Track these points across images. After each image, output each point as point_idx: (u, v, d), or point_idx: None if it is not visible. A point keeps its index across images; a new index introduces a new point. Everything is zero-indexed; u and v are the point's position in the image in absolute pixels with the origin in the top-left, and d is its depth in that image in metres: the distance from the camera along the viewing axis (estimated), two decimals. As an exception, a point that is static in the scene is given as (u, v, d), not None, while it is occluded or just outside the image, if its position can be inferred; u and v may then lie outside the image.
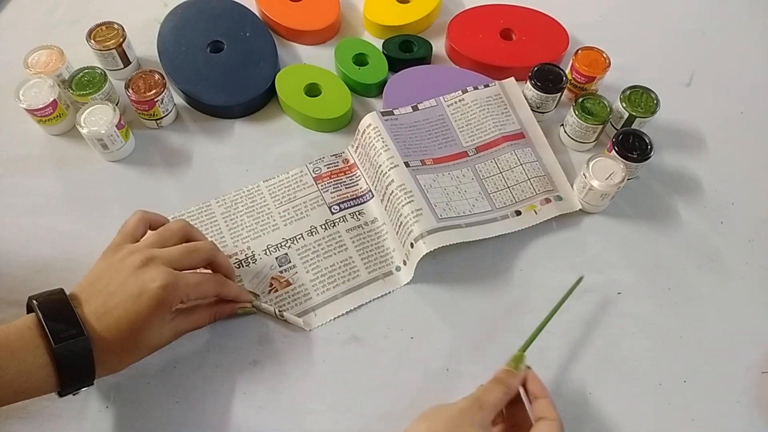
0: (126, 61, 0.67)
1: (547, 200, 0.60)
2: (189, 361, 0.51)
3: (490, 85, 0.66)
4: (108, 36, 0.65)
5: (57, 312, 0.43)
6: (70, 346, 0.42)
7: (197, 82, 0.66)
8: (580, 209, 0.60)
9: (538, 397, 0.45)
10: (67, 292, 0.45)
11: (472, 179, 0.61)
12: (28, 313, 0.44)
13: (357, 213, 0.60)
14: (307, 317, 0.54)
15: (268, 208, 0.60)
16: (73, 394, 0.45)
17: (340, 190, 0.61)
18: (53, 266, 0.55)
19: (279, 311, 0.53)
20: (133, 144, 0.63)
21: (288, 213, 0.59)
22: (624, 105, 0.62)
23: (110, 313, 0.44)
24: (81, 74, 0.62)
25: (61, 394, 0.44)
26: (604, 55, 0.66)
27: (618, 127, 0.64)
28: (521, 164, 0.62)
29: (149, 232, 0.50)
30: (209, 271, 0.51)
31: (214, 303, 0.51)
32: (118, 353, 0.45)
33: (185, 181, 0.62)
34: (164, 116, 0.64)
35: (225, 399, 0.50)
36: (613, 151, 0.59)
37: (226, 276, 0.52)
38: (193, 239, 0.51)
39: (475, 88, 0.66)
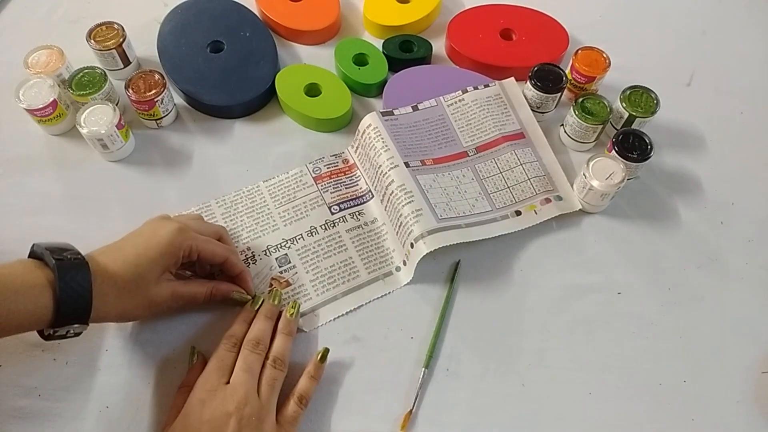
0: (126, 61, 0.67)
1: (547, 200, 0.60)
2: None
3: (490, 85, 0.66)
4: (108, 36, 0.65)
5: (57, 244, 0.45)
6: (68, 264, 0.42)
7: (197, 82, 0.66)
8: (580, 209, 0.60)
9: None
10: None
11: (472, 179, 0.61)
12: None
13: (357, 213, 0.60)
14: (307, 317, 0.54)
15: (268, 209, 0.60)
16: (62, 338, 0.44)
17: (340, 190, 0.61)
18: (53, 266, 0.56)
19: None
20: (133, 144, 0.63)
21: (288, 213, 0.59)
22: (624, 105, 0.62)
23: (118, 249, 0.47)
24: (81, 74, 0.62)
25: (54, 329, 0.43)
26: (604, 55, 0.66)
27: (618, 127, 0.64)
28: (521, 164, 0.62)
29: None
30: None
31: (212, 282, 0.53)
32: (117, 289, 0.45)
33: (185, 181, 0.62)
34: (164, 116, 0.64)
35: (225, 399, 0.50)
36: (613, 151, 0.59)
37: (238, 275, 0.53)
38: (223, 241, 0.54)
39: (475, 88, 0.65)
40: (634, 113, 0.62)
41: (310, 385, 0.49)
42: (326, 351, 0.51)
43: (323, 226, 0.59)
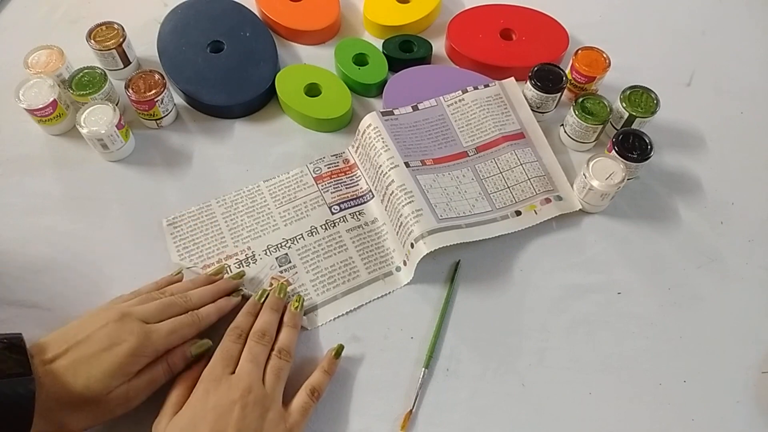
0: (126, 61, 0.67)
1: (547, 200, 0.60)
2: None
3: (490, 85, 0.66)
4: (108, 36, 0.65)
5: (5, 347, 0.40)
6: (9, 386, 0.38)
7: (197, 82, 0.66)
8: (580, 209, 0.60)
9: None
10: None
11: (472, 179, 0.61)
12: None
13: (357, 213, 0.60)
14: (307, 316, 0.54)
15: (269, 208, 0.60)
16: None
17: (341, 190, 0.61)
18: (53, 266, 0.55)
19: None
20: (133, 144, 0.63)
21: (288, 213, 0.59)
22: (624, 105, 0.62)
23: (71, 359, 0.42)
24: (81, 74, 0.62)
25: None
26: (604, 55, 0.66)
27: (618, 127, 0.64)
28: (521, 164, 0.62)
29: (142, 293, 0.50)
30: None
31: (164, 354, 0.47)
32: (61, 406, 0.41)
33: (185, 181, 0.62)
34: (164, 116, 0.64)
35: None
36: (613, 151, 0.59)
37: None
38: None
39: (475, 88, 0.66)
40: (634, 113, 0.62)
41: (324, 379, 0.49)
42: (341, 347, 0.51)
43: (323, 226, 0.59)
